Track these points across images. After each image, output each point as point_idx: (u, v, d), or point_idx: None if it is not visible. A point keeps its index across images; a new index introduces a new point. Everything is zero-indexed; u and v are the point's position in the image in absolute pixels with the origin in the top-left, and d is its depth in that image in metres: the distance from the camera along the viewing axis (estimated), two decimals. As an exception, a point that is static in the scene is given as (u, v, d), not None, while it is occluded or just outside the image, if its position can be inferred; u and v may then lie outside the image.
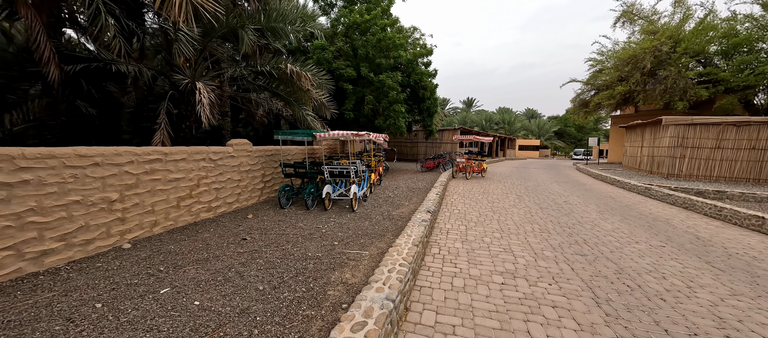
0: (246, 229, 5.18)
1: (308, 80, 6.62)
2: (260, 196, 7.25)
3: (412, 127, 16.60)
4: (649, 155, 14.07)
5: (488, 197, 8.38)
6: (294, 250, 4.15)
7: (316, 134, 6.46)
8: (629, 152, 17.15)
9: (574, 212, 6.76)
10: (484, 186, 10.64)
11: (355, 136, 6.53)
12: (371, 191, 8.92)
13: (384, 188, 9.63)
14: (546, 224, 5.68)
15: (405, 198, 7.96)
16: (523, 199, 8.25)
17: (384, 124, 12.74)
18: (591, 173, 15.57)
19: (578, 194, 9.42)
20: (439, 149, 21.88)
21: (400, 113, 12.57)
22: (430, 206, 5.85)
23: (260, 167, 7.19)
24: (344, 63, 12.70)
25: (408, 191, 9.20)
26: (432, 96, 14.56)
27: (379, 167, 10.96)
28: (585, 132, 58.14)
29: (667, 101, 17.35)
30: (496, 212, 6.59)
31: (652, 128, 14.07)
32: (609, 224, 5.81)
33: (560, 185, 11.59)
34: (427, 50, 13.97)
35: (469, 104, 63.05)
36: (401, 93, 12.85)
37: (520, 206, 7.36)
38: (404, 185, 10.34)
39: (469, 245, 4.46)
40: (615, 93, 18.91)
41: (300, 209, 6.67)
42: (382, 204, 7.32)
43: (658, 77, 17.49)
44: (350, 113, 12.78)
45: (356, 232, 5.01)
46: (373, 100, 12.75)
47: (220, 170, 5.93)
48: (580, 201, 8.12)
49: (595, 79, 22.12)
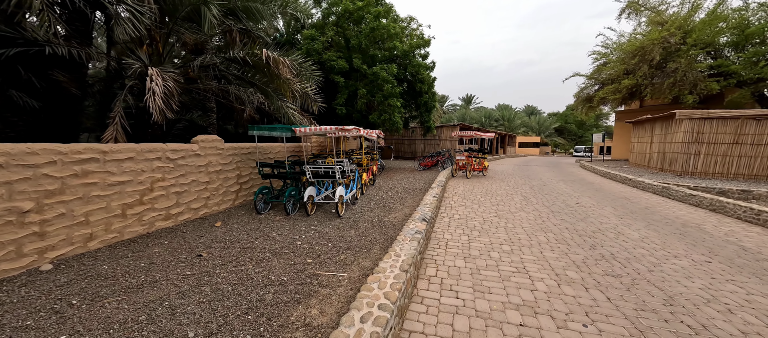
0: (208, 241, 4.35)
1: (286, 68, 5.77)
2: (235, 200, 6.42)
3: (410, 123, 15.75)
4: (660, 151, 13.28)
5: (491, 199, 7.57)
6: (255, 272, 3.33)
7: (295, 129, 5.62)
8: (637, 148, 16.37)
9: (591, 217, 5.96)
10: (486, 186, 9.82)
11: (339, 131, 5.69)
12: (363, 192, 8.11)
13: (377, 189, 8.81)
14: (562, 233, 4.87)
15: (399, 200, 7.15)
16: (530, 201, 7.44)
17: (378, 119, 11.90)
18: (597, 170, 14.78)
19: (589, 194, 8.62)
20: (438, 146, 21.05)
21: (396, 108, 11.73)
22: (426, 212, 5.03)
23: (235, 167, 6.35)
24: (335, 54, 11.84)
25: (403, 191, 8.39)
26: (430, 90, 13.72)
27: (372, 165, 10.14)
28: (586, 128, 57.40)
29: (676, 94, 16.57)
30: (502, 218, 5.78)
31: (663, 122, 13.28)
32: (634, 232, 5.00)
33: (567, 184, 10.79)
34: (424, 41, 13.12)
35: (468, 101, 62.19)
36: (397, 87, 12.00)
37: (528, 209, 6.55)
38: (400, 186, 9.52)
39: (473, 262, 3.65)
40: (621, 87, 18.11)
41: (279, 215, 5.85)
42: (373, 208, 6.50)
43: (667, 70, 16.69)
44: (342, 108, 11.93)
45: (338, 244, 4.19)
46: (366, 94, 11.90)
47: (182, 171, 5.09)
48: (594, 203, 7.32)
49: (599, 73, 21.31)
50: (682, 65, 15.79)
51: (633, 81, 17.54)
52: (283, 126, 5.74)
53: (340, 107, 11.92)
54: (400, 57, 12.88)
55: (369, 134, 8.33)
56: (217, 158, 5.86)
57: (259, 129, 5.81)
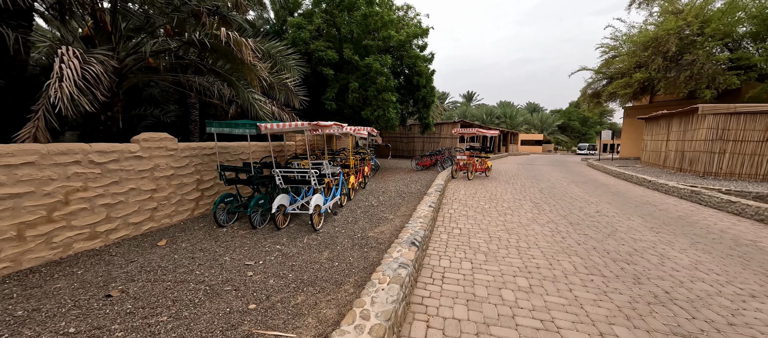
0: (136, 269, 3.37)
1: (250, 50, 4.75)
2: (195, 209, 5.42)
3: (407, 120, 14.73)
4: (679, 149, 12.23)
5: (497, 207, 6.56)
6: (168, 327, 2.34)
7: (261, 126, 4.61)
8: (650, 146, 15.31)
9: (619, 231, 4.94)
10: (490, 189, 8.81)
11: (315, 127, 4.68)
12: (351, 197, 7.11)
13: (368, 193, 7.81)
14: (590, 256, 3.86)
15: (391, 208, 6.15)
16: (542, 208, 6.43)
17: (372, 116, 10.88)
18: (609, 170, 13.74)
19: (607, 199, 7.60)
20: (438, 144, 20.03)
21: (391, 103, 10.70)
22: (417, 230, 4.01)
23: (194, 170, 5.35)
24: (324, 44, 10.80)
25: (397, 196, 7.38)
26: (428, 84, 12.67)
27: (364, 166, 9.14)
28: (589, 126, 56.25)
29: (692, 88, 15.49)
30: (513, 233, 4.77)
31: (682, 118, 12.22)
32: (681, 254, 3.99)
33: (579, 186, 9.77)
34: (421, 30, 12.06)
35: (469, 98, 61.03)
36: (392, 80, 10.97)
37: (541, 220, 5.54)
38: (393, 189, 8.52)
39: (479, 310, 2.64)
40: (632, 81, 17.03)
41: (246, 228, 4.86)
42: (358, 218, 5.51)
43: (682, 63, 15.60)
44: (332, 103, 10.90)
45: (301, 276, 3.20)
46: (358, 87, 10.87)
47: (115, 178, 4.09)
48: (616, 211, 6.30)
49: (608, 67, 20.21)
50: (699, 57, 14.70)
51: (645, 75, 16.46)
52: (246, 122, 4.73)
53: (330, 103, 10.90)
54: (396, 48, 11.83)
55: (357, 132, 7.32)
56: (168, 161, 4.86)
57: (219, 126, 4.80)
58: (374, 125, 11.22)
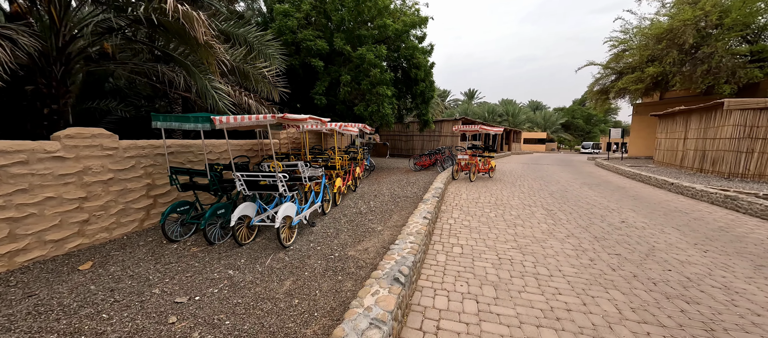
0: (26, 310, 2.50)
1: (203, 26, 3.86)
2: (145, 219, 4.55)
3: (405, 116, 13.81)
4: (699, 148, 11.28)
5: (505, 215, 5.66)
6: None
7: (216, 120, 3.72)
8: (665, 144, 14.35)
9: (658, 249, 4.04)
10: (495, 193, 7.90)
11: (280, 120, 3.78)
12: (337, 202, 6.24)
13: (359, 197, 6.93)
14: (635, 291, 2.95)
15: (381, 217, 5.26)
16: (557, 218, 5.52)
17: (365, 111, 9.98)
18: (622, 171, 12.81)
19: (629, 205, 6.69)
20: (438, 143, 19.11)
21: (386, 98, 9.79)
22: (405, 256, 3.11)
23: (143, 173, 4.47)
24: (313, 33, 9.88)
25: (390, 201, 6.50)
26: (427, 78, 11.75)
27: (355, 167, 8.26)
28: (593, 124, 55.17)
29: (710, 83, 14.52)
30: (527, 253, 3.87)
31: (703, 114, 11.26)
32: (750, 285, 3.09)
33: (593, 189, 8.85)
34: (420, 19, 11.13)
35: (471, 96, 59.97)
36: (387, 72, 10.06)
37: (559, 233, 4.64)
38: (387, 192, 7.63)
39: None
40: (644, 76, 16.06)
41: (204, 244, 4.00)
42: (341, 229, 4.63)
43: (699, 56, 14.62)
44: (321, 98, 10.00)
45: (243, 324, 2.33)
46: (350, 81, 9.97)
47: (21, 184, 3.21)
48: (645, 221, 5.39)
49: (617, 61, 19.21)
50: (718, 50, 13.72)
51: (659, 69, 15.48)
52: (199, 116, 3.84)
53: (319, 97, 10.00)
54: (392, 38, 10.91)
55: (344, 129, 6.41)
56: (105, 162, 3.97)
57: (165, 120, 3.91)
58: (368, 122, 10.32)
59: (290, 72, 10.80)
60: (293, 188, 4.23)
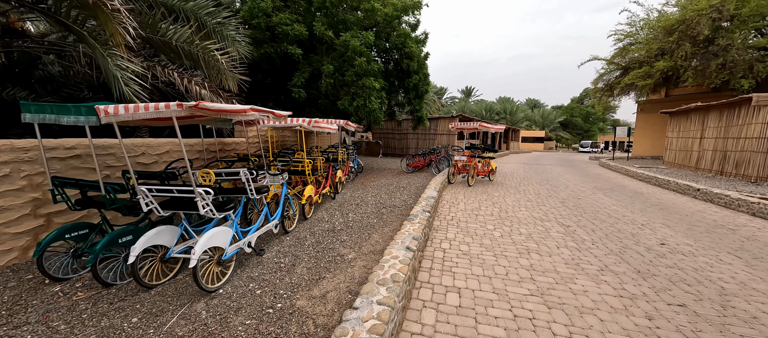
0: None
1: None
2: (30, 248, 3.36)
3: (397, 113, 12.65)
4: (718, 148, 10.25)
5: (513, 235, 4.54)
6: None
7: (100, 109, 2.54)
8: (677, 144, 13.34)
9: (732, 293, 2.94)
10: (498, 202, 6.79)
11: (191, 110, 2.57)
12: (307, 214, 5.09)
13: (337, 207, 5.79)
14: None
15: (357, 237, 4.13)
16: (579, 239, 4.41)
17: (350, 106, 8.81)
18: (633, 173, 11.77)
19: (659, 218, 5.61)
20: (434, 141, 17.99)
21: (373, 91, 8.63)
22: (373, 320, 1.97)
23: (25, 184, 3.29)
24: (291, 17, 8.68)
25: (373, 213, 5.37)
26: (421, 70, 10.60)
27: (335, 171, 7.12)
28: (591, 122, 54.39)
29: (724, 78, 13.51)
30: (552, 304, 2.74)
31: (723, 111, 10.23)
32: None
33: (608, 195, 7.77)
34: (413, 3, 9.94)
35: (468, 93, 58.90)
36: (375, 62, 8.89)
37: (588, 265, 3.53)
38: (372, 200, 6.50)
39: None
40: (653, 71, 15.02)
41: (97, 284, 2.84)
42: (300, 258, 3.50)
43: (712, 49, 13.60)
44: (300, 91, 8.81)
45: None
46: (333, 71, 8.79)
47: None
48: (690, 243, 4.30)
49: (623, 55, 18.17)
50: (735, 42, 12.71)
51: (669, 63, 14.45)
52: (81, 106, 2.67)
53: (297, 90, 8.81)
54: (381, 24, 9.73)
55: (316, 125, 5.25)
56: (-49, 172, 2.78)
57: (38, 110, 2.72)
58: (353, 118, 9.16)
59: (267, 61, 9.59)
60: (226, 207, 3.06)
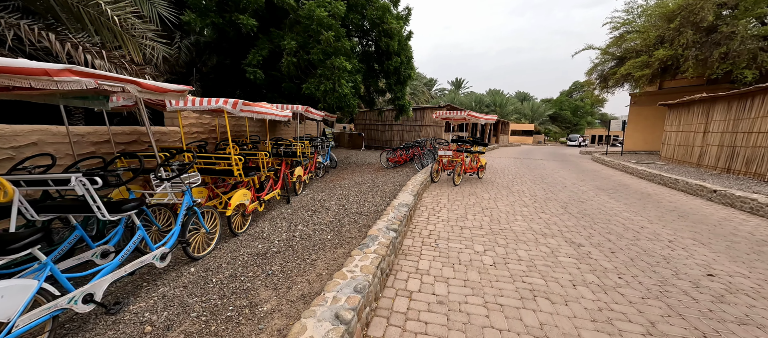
0: None
1: None
2: None
3: (376, 100, 11.31)
4: (726, 143, 9.38)
5: (509, 258, 3.38)
6: None
7: None
8: (676, 139, 12.52)
9: None
10: (489, 208, 5.64)
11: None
12: (238, 228, 3.80)
13: (288, 215, 4.51)
14: None
15: (294, 266, 2.88)
16: (598, 268, 3.27)
17: (316, 90, 7.43)
18: (633, 170, 10.88)
19: (686, 230, 4.56)
20: (420, 133, 16.77)
21: (344, 73, 7.28)
22: None
23: None
24: (244, -19, 7.18)
25: (332, 224, 4.12)
26: (403, 51, 9.28)
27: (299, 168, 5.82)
28: (580, 116, 54.32)
29: (727, 69, 12.71)
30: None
31: (731, 103, 9.33)
32: None
33: (615, 198, 6.75)
34: (393, -29, 8.56)
35: (458, 85, 57.80)
36: (345, 39, 7.51)
37: (621, 315, 2.41)
38: (336, 205, 5.24)
39: None
40: (652, 60, 14.12)
41: None
42: (189, 308, 2.23)
43: (715, 38, 12.74)
44: (257, 71, 7.38)
45: None
46: (296, 48, 7.38)
47: None
48: (743, 272, 3.23)
49: (619, 45, 17.25)
50: (740, 30, 11.85)
51: (669, 52, 13.55)
52: None
53: (253, 70, 7.37)
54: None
55: (249, 109, 3.90)
56: None
57: None
58: (322, 105, 7.80)
59: (226, 39, 8.12)
60: (38, 240, 1.73)
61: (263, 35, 7.98)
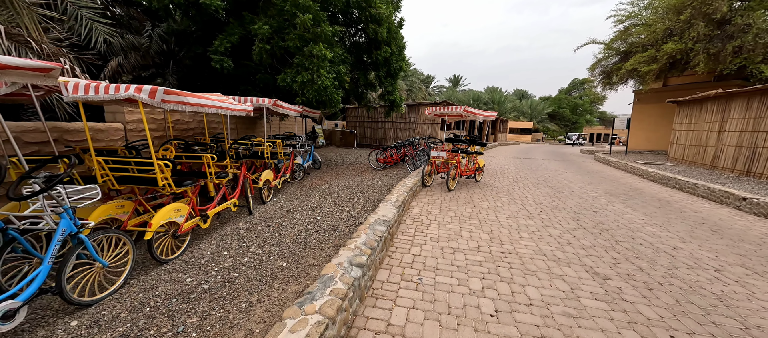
0: None
1: None
2: None
3: (365, 95, 10.40)
4: (746, 143, 8.60)
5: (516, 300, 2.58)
6: None
7: None
8: (686, 138, 11.74)
9: None
10: (488, 220, 4.82)
11: None
12: (162, 256, 2.93)
13: (244, 231, 3.64)
14: None
15: (223, 313, 2.00)
16: (634, 312, 2.46)
17: (293, 82, 6.54)
18: (643, 172, 10.10)
19: (728, 252, 3.77)
20: (414, 131, 15.91)
21: (324, 62, 6.39)
22: None
23: None
24: (208, -45, 6.24)
25: (295, 244, 3.26)
26: (394, 40, 8.40)
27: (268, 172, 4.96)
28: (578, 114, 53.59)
29: (740, 64, 11.94)
30: None
31: (751, 100, 8.55)
32: None
33: (631, 206, 5.95)
34: (381, -52, 7.64)
35: (456, 82, 56.87)
36: (326, 24, 6.61)
37: None
38: (306, 217, 4.39)
39: None
40: (661, 55, 13.31)
41: None
42: None
43: (728, 30, 11.95)
44: (225, 60, 6.47)
45: None
46: (270, 34, 6.47)
47: None
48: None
49: (623, 39, 16.43)
50: (755, 22, 11.06)
51: (679, 45, 12.74)
52: None
53: (220, 58, 6.46)
54: (340, -24, 7.40)
55: (173, 98, 3.01)
56: None
57: None
58: (300, 99, 6.90)
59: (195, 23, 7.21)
60: None
61: (235, 20, 7.08)
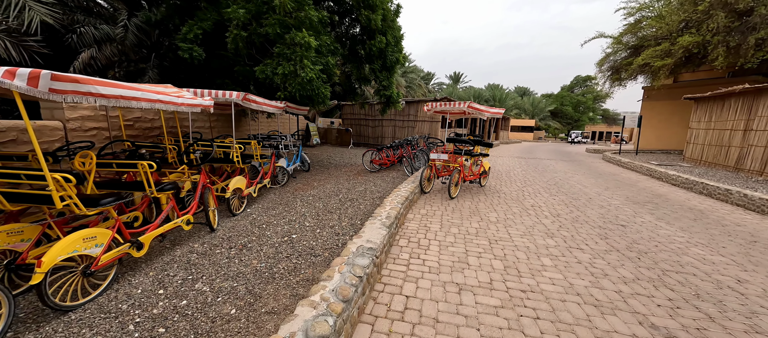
0: None
1: None
2: None
3: (359, 89, 9.57)
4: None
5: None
6: None
7: None
8: (705, 137, 10.93)
9: None
10: (500, 240, 4.06)
11: None
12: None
13: (202, 253, 2.82)
14: None
15: None
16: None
17: (273, 74, 5.71)
18: (665, 175, 9.31)
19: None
20: (414, 129, 15.08)
21: (308, 50, 5.57)
22: None
23: None
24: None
25: (255, 276, 2.45)
26: (390, 30, 7.57)
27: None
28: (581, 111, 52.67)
29: (764, 57, 11.09)
30: None
31: (788, 96, 7.72)
32: None
33: (661, 218, 5.17)
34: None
35: (457, 79, 55.93)
36: (310, 7, 5.78)
37: None
38: (280, 234, 3.60)
39: None
40: (676, 48, 12.46)
41: None
42: None
43: (751, 21, 11.11)
44: (195, 49, 5.65)
45: None
46: (247, 18, 5.63)
47: None
48: None
49: (634, 32, 15.56)
50: (782, 11, 10.21)
51: (697, 38, 11.89)
52: None
53: (189, 47, 5.64)
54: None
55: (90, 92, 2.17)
56: None
57: None
58: (282, 94, 6.08)
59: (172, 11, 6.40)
60: None
61: (210, 5, 6.25)
